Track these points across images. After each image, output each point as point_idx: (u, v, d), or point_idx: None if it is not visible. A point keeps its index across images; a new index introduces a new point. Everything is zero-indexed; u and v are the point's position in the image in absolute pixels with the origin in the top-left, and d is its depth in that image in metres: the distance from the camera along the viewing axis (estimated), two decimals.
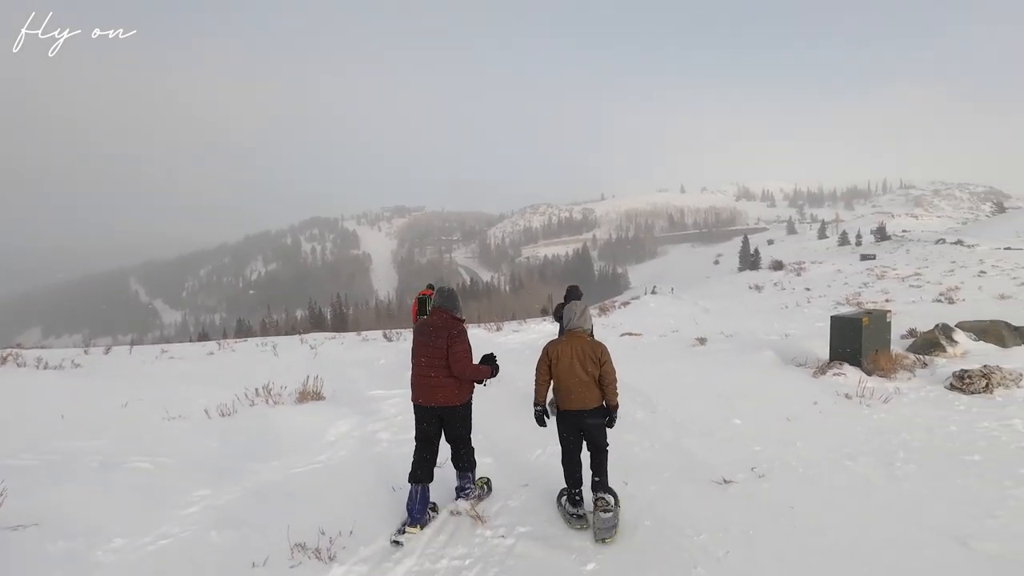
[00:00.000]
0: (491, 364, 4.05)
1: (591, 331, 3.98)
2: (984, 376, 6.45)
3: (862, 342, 7.70)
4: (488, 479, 4.39)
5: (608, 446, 3.87)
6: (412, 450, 3.99)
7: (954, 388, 6.52)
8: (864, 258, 46.11)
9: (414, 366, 3.94)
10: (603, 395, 3.79)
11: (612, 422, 3.85)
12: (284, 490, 4.41)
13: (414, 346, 3.98)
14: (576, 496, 3.83)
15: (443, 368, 3.83)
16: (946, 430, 5.26)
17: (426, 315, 10.48)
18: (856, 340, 7.76)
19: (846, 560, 3.21)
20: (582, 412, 3.76)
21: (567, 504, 3.86)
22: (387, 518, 3.91)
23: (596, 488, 3.80)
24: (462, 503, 3.98)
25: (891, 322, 8.44)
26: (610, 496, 3.81)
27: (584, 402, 3.75)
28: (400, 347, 12.29)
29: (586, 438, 3.84)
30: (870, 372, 7.40)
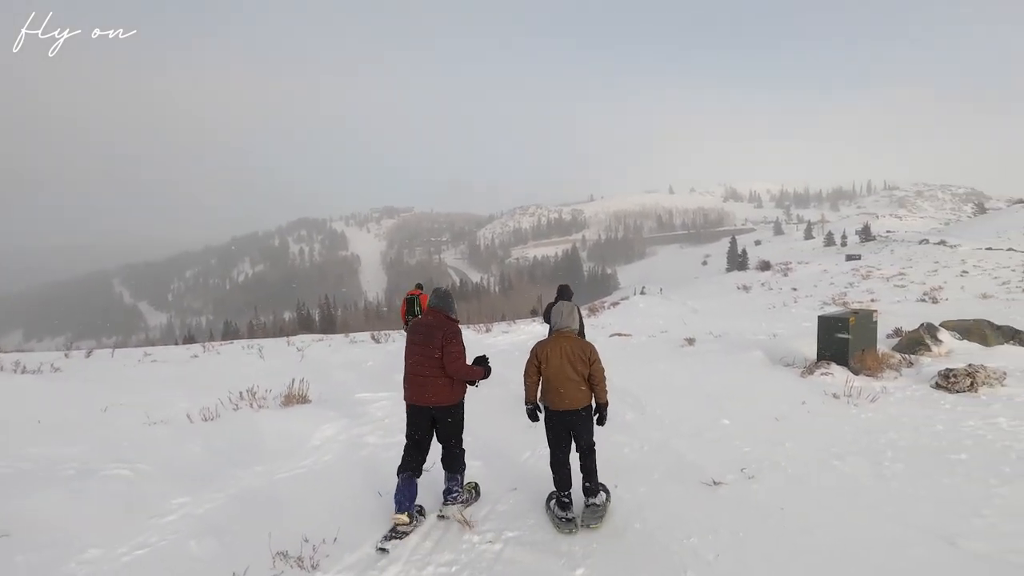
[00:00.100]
0: (484, 366, 4.06)
1: (580, 331, 3.95)
2: (969, 375, 6.51)
3: (849, 342, 7.75)
4: (476, 484, 4.34)
5: (595, 444, 3.86)
6: (399, 454, 3.95)
7: (940, 387, 6.58)
8: (849, 258, 46.66)
9: (407, 365, 3.92)
10: (593, 393, 3.80)
11: (603, 420, 3.86)
12: (267, 496, 4.32)
13: (407, 345, 3.95)
14: (565, 499, 3.80)
15: (436, 368, 3.82)
16: (932, 429, 5.29)
17: (414, 315, 10.43)
18: (843, 340, 7.81)
19: (835, 560, 3.20)
20: (572, 412, 3.75)
21: (556, 508, 3.82)
22: (373, 524, 3.84)
23: (587, 493, 3.80)
24: (449, 508, 3.92)
25: (877, 322, 8.51)
26: (603, 494, 3.83)
27: (575, 402, 3.74)
28: (389, 349, 12.17)
29: (575, 437, 3.83)
30: (857, 371, 7.44)
